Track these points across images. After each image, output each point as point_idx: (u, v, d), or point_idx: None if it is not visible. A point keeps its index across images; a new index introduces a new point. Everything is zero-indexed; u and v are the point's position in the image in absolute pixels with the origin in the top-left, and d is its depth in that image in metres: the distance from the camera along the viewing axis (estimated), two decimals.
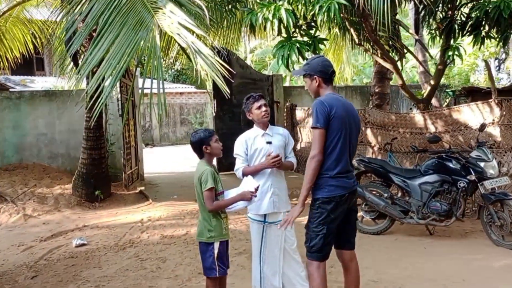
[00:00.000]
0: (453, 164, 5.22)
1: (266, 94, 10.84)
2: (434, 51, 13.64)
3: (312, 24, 6.40)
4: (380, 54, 7.70)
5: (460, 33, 6.86)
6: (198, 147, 3.21)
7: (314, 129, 2.90)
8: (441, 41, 7.34)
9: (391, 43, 8.06)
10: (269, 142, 3.50)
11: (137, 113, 10.00)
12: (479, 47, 6.85)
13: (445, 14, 7.12)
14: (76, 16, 5.14)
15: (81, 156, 8.11)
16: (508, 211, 4.87)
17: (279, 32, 6.04)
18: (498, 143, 6.20)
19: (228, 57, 9.01)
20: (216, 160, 3.37)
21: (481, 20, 6.17)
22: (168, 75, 23.12)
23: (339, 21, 5.67)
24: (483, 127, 5.61)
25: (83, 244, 5.49)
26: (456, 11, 7.03)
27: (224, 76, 4.19)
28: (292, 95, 11.83)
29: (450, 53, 6.86)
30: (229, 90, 4.30)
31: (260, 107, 3.50)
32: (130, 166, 9.20)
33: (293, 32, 6.17)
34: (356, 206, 3.20)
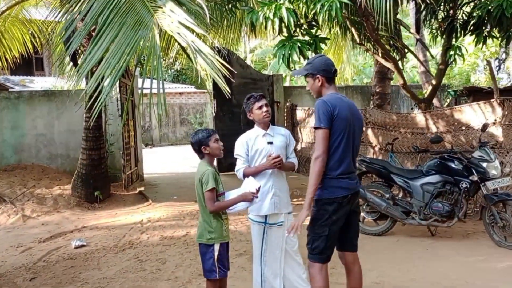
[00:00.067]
0: (455, 165, 5.19)
1: (266, 94, 10.79)
2: (435, 51, 13.61)
3: (313, 23, 6.37)
4: (381, 54, 7.66)
5: (462, 32, 6.82)
6: (197, 148, 3.18)
7: (317, 129, 2.85)
8: (443, 40, 7.30)
9: (392, 43, 8.02)
10: (270, 143, 3.46)
11: (137, 113, 9.96)
12: (481, 46, 6.81)
13: (446, 13, 7.09)
14: (75, 15, 5.11)
15: (80, 156, 8.07)
16: (510, 211, 4.85)
17: (280, 31, 6.00)
18: (500, 143, 6.16)
19: (228, 57, 8.98)
20: (216, 160, 3.32)
21: (483, 19, 6.13)
22: (167, 75, 23.08)
23: (340, 20, 5.63)
24: (485, 127, 5.57)
25: (82, 245, 5.45)
26: (458, 10, 6.99)
27: (224, 76, 4.15)
28: (293, 95, 11.80)
29: (451, 52, 6.83)
30: (229, 90, 4.26)
31: (261, 107, 3.45)
32: (129, 167, 9.16)
33: (294, 32, 6.14)
34: (359, 207, 3.16)
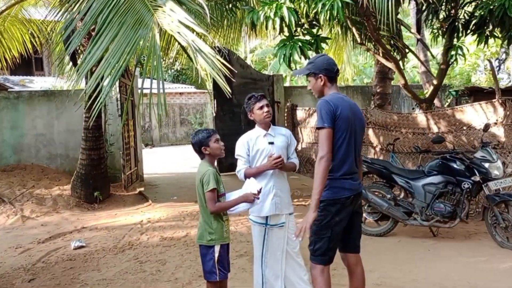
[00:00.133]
0: (457, 165, 5.15)
1: (266, 94, 10.73)
2: (435, 51, 13.59)
3: (314, 22, 6.33)
4: (382, 54, 7.63)
5: (463, 32, 6.79)
6: (198, 148, 3.14)
7: (320, 129, 2.81)
8: (444, 40, 7.27)
9: (393, 43, 7.99)
10: (271, 143, 3.43)
11: (137, 113, 9.93)
12: (483, 46, 6.78)
13: (448, 12, 7.05)
14: (75, 14, 5.07)
15: (80, 156, 8.03)
16: None
17: (281, 31, 5.97)
18: (502, 144, 6.13)
19: (229, 57, 8.95)
20: (217, 160, 3.29)
21: (485, 19, 6.10)
22: (167, 75, 23.05)
23: (342, 19, 5.60)
24: (487, 127, 5.54)
25: (81, 246, 5.41)
26: (460, 10, 6.96)
27: (225, 76, 4.12)
28: (293, 95, 11.77)
29: (453, 52, 6.80)
30: (229, 89, 4.22)
31: (262, 107, 3.42)
32: (129, 167, 9.13)
33: (295, 31, 6.11)
34: (361, 208, 3.13)
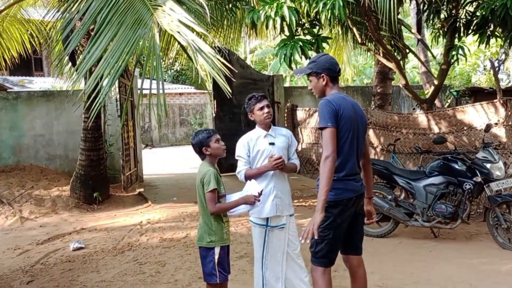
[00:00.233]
0: (458, 166, 5.12)
1: (266, 95, 10.68)
2: (435, 51, 13.57)
3: (315, 22, 6.30)
4: (383, 54, 7.60)
5: (465, 32, 6.76)
6: (198, 149, 3.11)
7: (324, 129, 2.76)
8: (444, 40, 7.24)
9: (393, 43, 7.96)
10: (271, 143, 3.40)
11: (136, 113, 9.90)
12: (485, 46, 6.75)
13: (449, 12, 7.02)
14: (74, 14, 5.05)
15: (79, 157, 7.99)
16: None
17: (282, 31, 5.94)
18: (503, 144, 6.10)
19: (229, 57, 8.92)
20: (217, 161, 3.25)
21: (486, 18, 6.06)
22: (167, 76, 23.02)
23: (343, 19, 5.56)
24: (489, 128, 5.51)
25: (80, 248, 5.37)
26: (461, 10, 6.93)
27: (225, 76, 4.09)
28: (293, 96, 11.74)
29: (454, 52, 6.77)
30: (230, 89, 4.19)
31: (262, 108, 3.39)
32: (129, 168, 9.09)
33: (296, 31, 6.07)
34: (363, 210, 3.09)
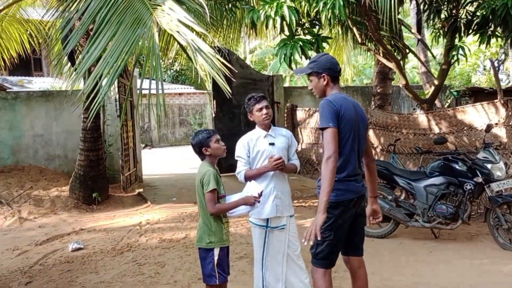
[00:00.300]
0: (459, 166, 5.10)
1: (266, 95, 10.71)
2: (435, 51, 13.55)
3: (315, 22, 6.28)
4: (383, 54, 7.58)
5: (465, 32, 6.74)
6: (198, 149, 3.09)
7: (325, 129, 2.74)
8: (445, 40, 7.22)
9: (393, 43, 7.94)
10: (271, 144, 3.38)
11: (136, 113, 9.87)
12: (485, 46, 6.74)
13: (450, 12, 7.00)
14: (73, 13, 5.03)
15: (78, 157, 7.96)
16: None
17: (282, 30, 5.92)
18: (504, 144, 6.08)
19: (229, 57, 8.90)
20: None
21: (487, 18, 6.05)
22: (167, 76, 23.00)
23: (343, 18, 5.54)
24: (489, 128, 5.49)
25: (79, 248, 5.35)
26: (461, 10, 6.91)
27: (224, 75, 4.07)
28: (293, 96, 11.72)
29: (454, 52, 6.75)
30: (229, 89, 4.17)
31: (261, 109, 3.37)
32: (128, 168, 9.07)
33: (296, 30, 6.05)
34: (365, 211, 3.06)
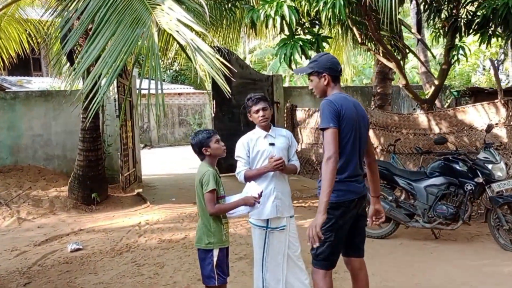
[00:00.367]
0: (459, 166, 5.08)
1: (266, 95, 10.67)
2: (435, 51, 13.54)
3: (315, 21, 6.26)
4: (383, 53, 7.56)
5: (466, 32, 6.72)
6: (198, 149, 3.07)
7: (326, 130, 2.71)
8: (445, 40, 7.20)
9: (393, 43, 7.92)
10: (271, 144, 3.36)
11: (135, 113, 9.85)
12: (486, 46, 6.72)
13: (450, 12, 6.98)
14: (72, 13, 5.00)
15: (77, 158, 7.94)
16: None
17: (281, 30, 5.90)
18: (505, 145, 6.06)
19: (228, 56, 8.88)
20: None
21: (488, 18, 6.03)
22: (166, 76, 22.97)
23: (344, 18, 5.52)
24: (490, 128, 5.47)
25: (78, 249, 5.32)
26: (462, 9, 6.89)
27: (224, 76, 4.05)
28: (292, 96, 11.71)
29: (454, 52, 6.73)
30: (229, 89, 4.15)
31: (258, 111, 3.33)
32: (127, 168, 9.04)
33: (296, 30, 6.03)
34: (365, 211, 3.04)
